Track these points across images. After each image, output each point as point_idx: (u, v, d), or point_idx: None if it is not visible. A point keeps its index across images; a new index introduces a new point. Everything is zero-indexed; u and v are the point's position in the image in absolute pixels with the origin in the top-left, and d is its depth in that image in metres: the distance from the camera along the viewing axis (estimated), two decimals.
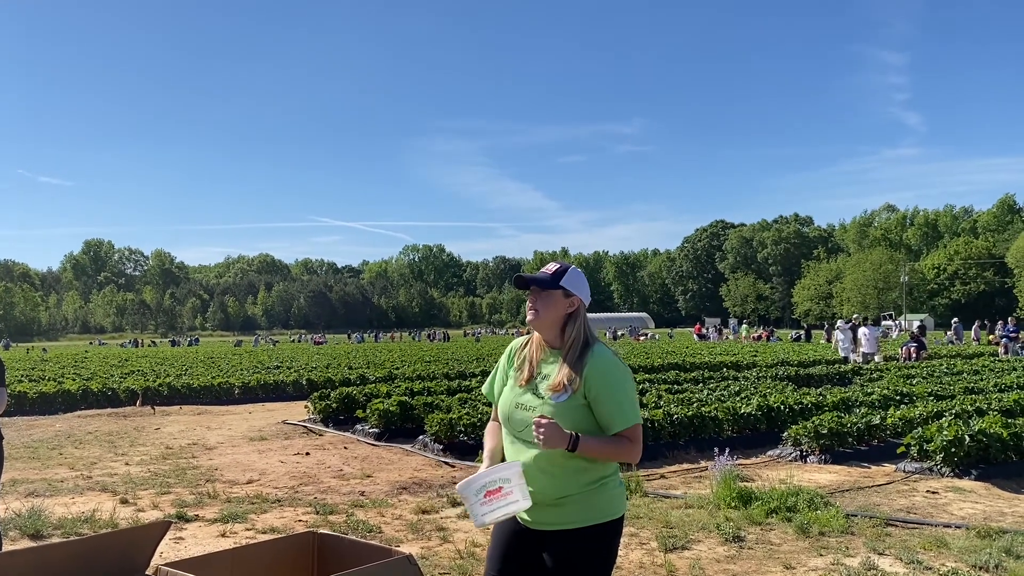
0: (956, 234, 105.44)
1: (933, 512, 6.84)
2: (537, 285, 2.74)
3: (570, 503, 2.66)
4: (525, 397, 2.75)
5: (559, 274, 2.75)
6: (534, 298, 2.76)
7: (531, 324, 2.78)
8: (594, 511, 2.67)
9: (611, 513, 2.70)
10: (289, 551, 3.03)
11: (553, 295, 2.74)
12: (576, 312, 2.76)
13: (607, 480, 2.72)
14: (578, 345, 2.72)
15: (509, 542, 2.78)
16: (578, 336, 2.73)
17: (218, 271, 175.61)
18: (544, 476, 2.65)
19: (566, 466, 2.64)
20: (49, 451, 10.56)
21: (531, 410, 2.70)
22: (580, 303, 2.77)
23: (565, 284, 2.74)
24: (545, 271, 2.79)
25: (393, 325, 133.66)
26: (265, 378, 18.87)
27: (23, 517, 6.46)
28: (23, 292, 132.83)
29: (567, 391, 2.66)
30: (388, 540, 5.99)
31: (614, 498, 2.73)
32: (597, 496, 2.69)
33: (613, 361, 2.72)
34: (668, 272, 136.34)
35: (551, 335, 2.77)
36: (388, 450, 10.29)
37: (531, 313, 2.77)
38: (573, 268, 2.79)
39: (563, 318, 2.75)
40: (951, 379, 15.29)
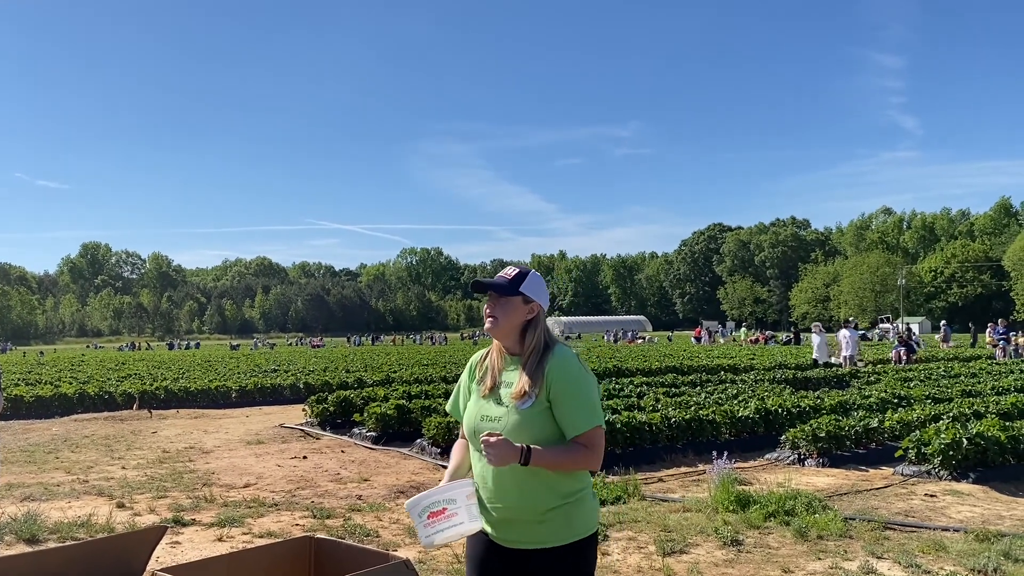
0: (953, 237, 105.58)
1: (931, 515, 6.83)
2: (495, 291, 2.62)
3: (546, 520, 2.55)
4: (489, 408, 2.63)
5: (518, 279, 2.63)
6: (492, 304, 2.62)
7: (489, 332, 2.65)
8: (571, 528, 2.56)
9: (587, 529, 2.59)
10: (286, 556, 3.01)
11: (512, 302, 2.61)
12: (536, 319, 2.64)
13: (582, 494, 2.61)
14: (538, 351, 2.60)
15: (484, 563, 2.66)
16: (538, 343, 2.61)
17: (215, 274, 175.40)
18: (516, 491, 2.54)
19: (537, 480, 2.52)
20: (45, 455, 10.52)
21: (496, 420, 2.58)
22: (540, 309, 2.65)
23: (524, 290, 2.62)
24: (503, 276, 2.66)
25: (391, 328, 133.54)
26: (262, 381, 18.85)
27: (19, 521, 6.43)
28: (20, 295, 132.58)
29: (531, 397, 2.54)
30: (385, 544, 5.98)
31: (589, 512, 2.62)
32: (573, 511, 2.57)
33: (573, 362, 2.59)
34: (666, 275, 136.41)
35: (511, 342, 2.65)
36: (385, 454, 10.27)
37: (489, 321, 2.63)
38: (532, 272, 2.68)
39: (522, 325, 2.63)
40: (948, 382, 15.30)
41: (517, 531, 2.57)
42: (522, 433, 2.53)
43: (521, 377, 2.59)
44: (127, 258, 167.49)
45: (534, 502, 2.54)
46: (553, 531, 2.55)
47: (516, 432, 2.53)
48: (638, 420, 9.67)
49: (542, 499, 2.54)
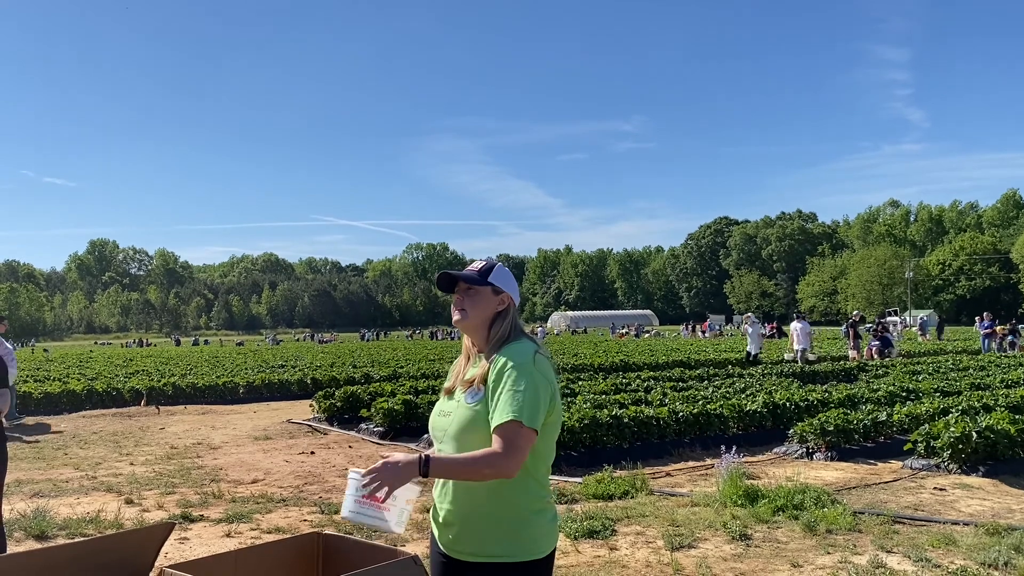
0: (961, 230, 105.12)
1: (941, 509, 6.80)
2: (465, 282, 2.52)
3: (489, 531, 2.37)
4: (445, 404, 2.55)
5: (486, 271, 2.53)
6: (460, 298, 2.52)
7: (458, 325, 2.55)
8: (518, 545, 2.35)
9: (537, 551, 2.37)
10: (294, 552, 3.01)
11: (481, 292, 2.51)
12: (506, 310, 2.52)
13: (536, 512, 2.40)
14: (499, 343, 2.47)
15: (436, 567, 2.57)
16: (503, 335, 2.48)
17: (222, 270, 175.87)
18: (466, 495, 2.38)
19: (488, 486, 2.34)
20: (54, 451, 10.56)
21: (447, 416, 2.48)
22: (510, 301, 2.54)
23: (494, 280, 2.52)
24: (471, 269, 2.57)
25: (397, 324, 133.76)
26: (270, 377, 18.88)
27: (28, 518, 6.45)
28: (28, 292, 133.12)
29: (478, 391, 2.41)
30: (393, 540, 5.97)
31: (543, 535, 2.40)
32: (523, 529, 2.37)
33: (524, 355, 2.40)
34: (672, 269, 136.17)
35: (479, 337, 2.53)
36: (393, 449, 10.27)
37: (458, 313, 2.52)
38: (500, 265, 2.58)
39: (491, 317, 2.51)
40: (957, 375, 15.25)
41: (464, 540, 2.43)
42: (468, 428, 2.39)
43: (475, 369, 2.48)
44: (134, 255, 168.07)
45: (485, 511, 2.38)
46: (497, 546, 2.36)
47: (464, 427, 2.40)
48: (645, 414, 9.66)
49: (494, 508, 2.37)
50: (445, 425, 2.48)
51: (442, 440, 2.50)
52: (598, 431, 9.16)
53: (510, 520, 2.37)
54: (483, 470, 2.27)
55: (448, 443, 2.45)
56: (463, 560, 2.43)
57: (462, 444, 2.39)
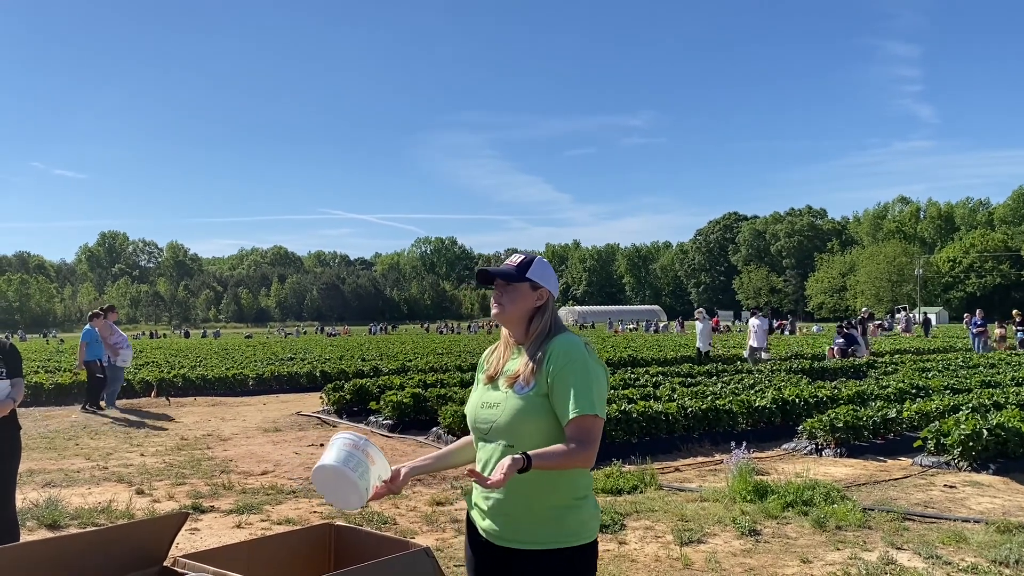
0: (972, 227, 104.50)
1: (951, 507, 6.78)
2: (502, 278, 2.54)
3: (537, 519, 2.42)
4: (488, 395, 2.56)
5: (524, 265, 2.55)
6: (499, 292, 2.55)
7: (496, 319, 2.58)
8: (562, 532, 2.42)
9: (581, 537, 2.44)
10: (306, 543, 3.02)
11: (519, 288, 2.53)
12: (545, 305, 2.56)
13: (580, 499, 2.46)
14: (542, 336, 2.52)
15: (476, 555, 2.59)
16: (544, 328, 2.53)
17: (231, 263, 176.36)
18: (516, 485, 2.38)
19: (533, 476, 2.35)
20: (65, 442, 10.62)
21: (495, 406, 2.50)
22: (549, 295, 2.57)
23: (532, 276, 2.54)
24: (510, 263, 2.58)
25: (405, 317, 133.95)
26: (279, 370, 18.94)
27: (40, 507, 6.50)
28: (38, 284, 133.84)
29: (529, 383, 2.45)
30: (403, 532, 5.99)
31: (586, 520, 2.46)
32: (568, 516, 2.43)
33: (578, 347, 2.47)
34: (681, 265, 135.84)
35: (518, 331, 2.57)
36: (402, 442, 10.30)
37: (496, 307, 2.55)
38: (539, 259, 2.60)
39: (530, 312, 2.54)
40: (967, 372, 15.18)
41: (508, 527, 2.47)
42: (520, 419, 2.43)
43: (521, 359, 2.52)
44: (144, 247, 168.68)
45: (531, 499, 2.43)
46: (544, 532, 2.42)
47: (514, 419, 2.44)
48: (654, 410, 9.65)
49: (536, 496, 2.42)
50: (493, 416, 2.49)
51: (488, 432, 2.51)
52: (607, 426, 9.16)
53: (559, 507, 2.42)
54: (573, 463, 2.35)
55: (498, 434, 2.47)
56: (513, 548, 2.45)
57: (513, 434, 2.43)
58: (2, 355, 4.71)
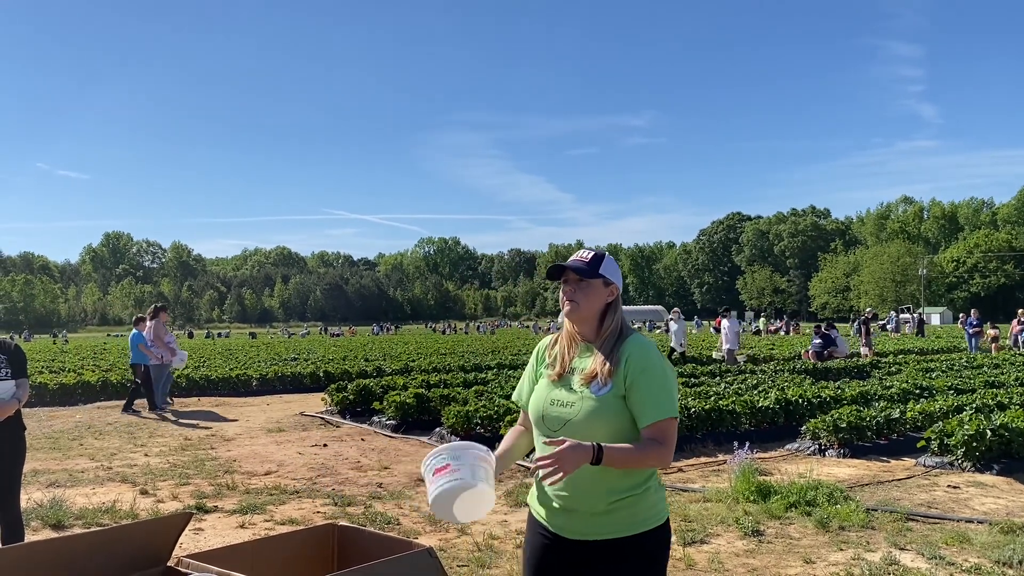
0: (976, 227, 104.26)
1: (955, 507, 6.77)
2: (577, 274, 2.51)
3: (610, 511, 2.43)
4: (559, 393, 2.52)
5: (596, 261, 2.53)
6: (572, 288, 2.51)
7: (569, 317, 2.55)
8: (635, 520, 2.44)
9: (654, 520, 2.47)
10: (310, 543, 3.03)
11: (593, 284, 2.51)
12: (615, 302, 2.55)
13: (648, 485, 2.48)
14: (614, 335, 2.51)
15: (542, 554, 2.56)
16: (616, 327, 2.52)
17: (235, 264, 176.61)
18: (580, 481, 2.41)
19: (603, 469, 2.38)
20: (69, 442, 10.65)
21: (568, 406, 2.48)
22: (618, 291, 2.57)
23: (604, 272, 2.52)
24: (580, 259, 2.55)
25: (408, 317, 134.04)
26: (282, 370, 18.95)
27: (45, 507, 6.52)
28: (43, 284, 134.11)
29: (606, 384, 2.44)
30: (406, 532, 6.00)
31: (655, 504, 2.49)
32: (638, 503, 2.45)
33: (652, 348, 2.50)
34: (684, 265, 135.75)
35: (588, 328, 2.55)
36: (405, 442, 10.31)
37: (569, 305, 2.52)
38: (608, 255, 2.58)
39: (603, 308, 2.53)
40: (971, 372, 15.16)
41: (579, 522, 2.47)
42: (596, 420, 2.43)
43: (595, 361, 2.49)
44: (148, 247, 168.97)
45: (599, 492, 2.43)
46: (617, 522, 2.43)
47: (590, 419, 2.43)
48: None
49: (607, 490, 2.43)
50: (566, 415, 2.48)
51: (558, 429, 2.48)
52: None
53: (628, 496, 2.44)
54: (650, 463, 2.42)
55: (571, 433, 2.44)
56: (586, 541, 2.46)
57: (587, 434, 2.41)
58: (7, 356, 4.73)
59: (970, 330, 26.30)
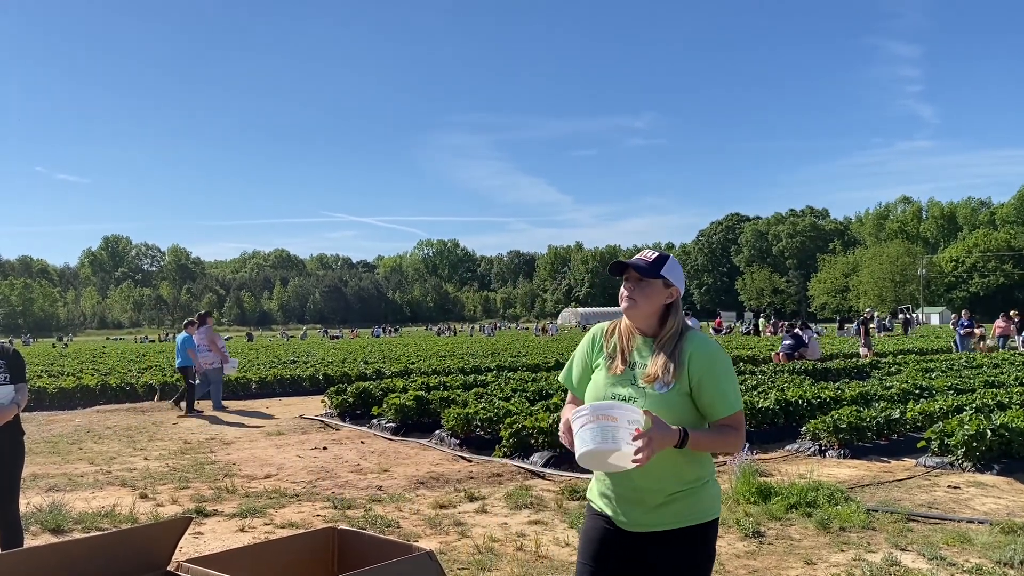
0: (975, 226, 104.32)
1: (955, 507, 6.77)
2: (637, 272, 2.60)
3: (669, 503, 2.53)
4: (621, 389, 2.58)
5: (659, 262, 2.61)
6: (631, 285, 2.61)
7: (627, 313, 2.63)
8: (692, 512, 2.55)
9: (711, 513, 2.58)
10: (310, 546, 3.02)
11: (653, 284, 2.60)
12: (675, 303, 2.64)
13: (707, 479, 2.59)
14: (676, 335, 2.59)
15: (602, 544, 2.63)
16: (677, 328, 2.61)
17: (234, 266, 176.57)
18: (643, 473, 2.48)
19: (666, 463, 2.49)
20: (69, 446, 10.63)
21: (631, 401, 2.53)
22: (679, 294, 2.65)
23: (665, 273, 2.60)
24: (643, 258, 2.63)
25: (408, 320, 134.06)
26: (281, 373, 18.93)
27: (44, 512, 6.51)
28: (42, 288, 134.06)
29: (669, 382, 2.52)
30: (406, 535, 5.99)
31: (714, 497, 2.61)
32: (696, 496, 2.56)
33: (715, 346, 2.61)
34: (683, 265, 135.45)
35: (646, 324, 2.63)
36: (405, 444, 10.30)
37: (627, 301, 2.60)
38: (672, 257, 2.66)
39: (662, 309, 2.62)
40: (971, 372, 15.16)
41: (640, 513, 2.56)
42: (662, 414, 2.48)
43: (657, 360, 2.57)
44: (147, 251, 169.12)
45: (661, 485, 2.52)
46: (675, 514, 2.53)
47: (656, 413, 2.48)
48: None
49: (668, 482, 2.52)
50: None
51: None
52: None
53: (689, 489, 2.55)
54: (729, 447, 2.57)
55: None
56: (648, 532, 2.56)
57: None
58: (5, 360, 4.72)
59: (960, 331, 25.97)
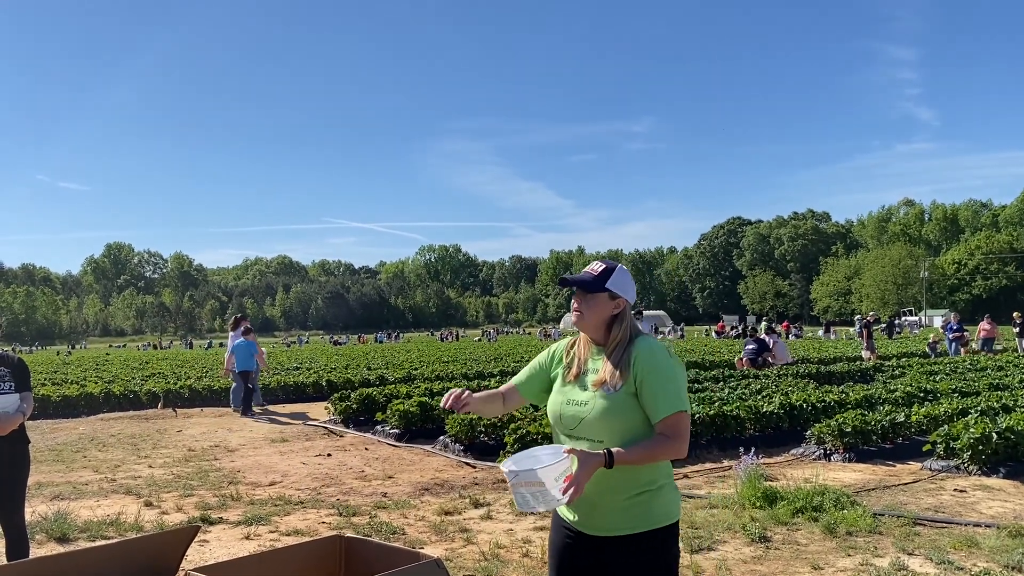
0: (977, 229, 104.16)
1: (962, 511, 6.75)
2: (581, 287, 2.69)
3: (627, 507, 2.58)
4: (575, 393, 2.69)
5: (604, 275, 2.69)
6: (579, 299, 2.70)
7: (577, 325, 2.74)
8: (650, 516, 2.59)
9: (669, 517, 2.62)
10: (317, 554, 3.02)
11: (598, 297, 2.68)
12: (622, 313, 2.71)
13: (663, 483, 2.64)
14: (623, 343, 2.67)
15: (565, 550, 2.71)
16: (624, 336, 2.68)
17: (236, 273, 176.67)
18: (599, 478, 2.54)
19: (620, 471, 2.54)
20: (73, 454, 10.63)
21: (583, 405, 2.64)
22: (626, 304, 2.71)
23: (611, 286, 2.68)
24: (589, 272, 2.72)
25: (410, 325, 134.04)
26: (285, 380, 18.92)
27: (49, 520, 6.50)
28: (44, 296, 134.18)
29: (616, 385, 2.60)
30: (411, 542, 5.98)
31: (671, 502, 2.65)
32: (654, 500, 2.60)
33: (660, 348, 2.67)
34: (685, 270, 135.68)
35: (597, 335, 2.73)
36: (409, 451, 10.28)
37: (576, 315, 2.72)
38: (620, 268, 2.73)
39: (609, 319, 2.70)
40: (975, 375, 15.12)
41: (598, 517, 2.61)
42: (610, 416, 2.58)
43: (605, 365, 2.66)
44: (149, 258, 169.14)
45: (617, 489, 2.58)
46: (633, 519, 2.58)
47: (604, 415, 2.58)
48: None
49: (625, 486, 2.58)
50: (581, 414, 2.64)
51: (574, 427, 2.65)
52: None
53: (644, 494, 2.60)
54: (665, 455, 2.57)
55: (586, 430, 2.61)
56: (604, 536, 2.61)
57: (602, 431, 2.58)
58: (10, 369, 4.72)
59: (950, 335, 25.63)
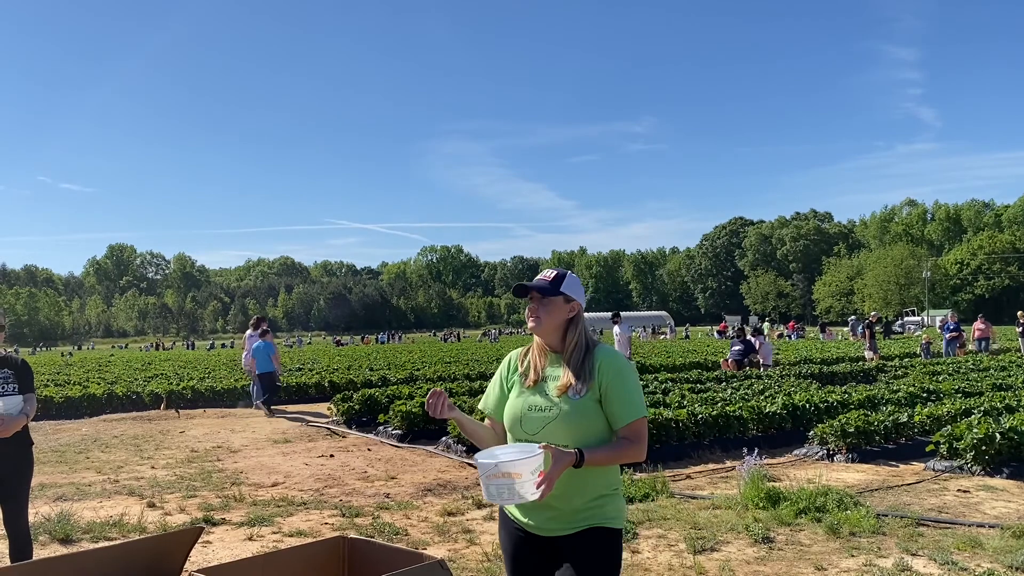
0: (979, 229, 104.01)
1: (965, 511, 6.74)
2: (538, 292, 2.77)
3: (582, 511, 2.69)
4: (536, 399, 2.76)
5: (558, 280, 2.79)
6: (535, 305, 2.79)
7: (533, 331, 2.82)
8: (604, 516, 2.71)
9: (616, 521, 2.73)
10: (320, 556, 3.01)
11: (554, 301, 2.77)
12: (576, 317, 2.81)
13: (615, 490, 2.75)
14: (581, 348, 2.77)
15: (519, 550, 2.80)
16: (580, 340, 2.78)
17: (238, 274, 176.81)
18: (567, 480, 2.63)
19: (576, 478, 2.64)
20: (76, 455, 10.64)
21: (547, 410, 2.72)
22: (579, 307, 2.82)
23: (565, 290, 2.78)
24: (543, 278, 2.81)
25: (412, 326, 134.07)
26: (287, 380, 18.93)
27: (52, 521, 6.51)
28: (47, 297, 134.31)
29: (579, 391, 2.69)
30: (414, 543, 5.98)
31: (619, 509, 2.77)
32: (607, 505, 2.72)
33: (621, 356, 2.80)
34: (688, 270, 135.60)
35: (553, 340, 2.81)
36: (412, 451, 10.28)
37: (533, 320, 2.79)
38: (571, 274, 2.84)
39: (564, 323, 2.79)
40: (978, 375, 15.10)
41: (555, 520, 2.70)
42: (575, 420, 2.67)
43: (566, 372, 2.74)
44: (152, 259, 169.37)
45: (575, 495, 2.67)
46: (583, 520, 2.68)
47: (569, 419, 2.67)
48: (664, 417, 9.62)
49: (582, 492, 2.67)
50: (544, 419, 2.72)
51: (537, 432, 2.72)
52: None
53: (598, 498, 2.70)
54: (628, 458, 2.69)
55: (550, 435, 2.68)
56: (557, 536, 2.70)
57: (566, 432, 2.67)
58: (14, 371, 4.73)
59: (947, 335, 25.37)
